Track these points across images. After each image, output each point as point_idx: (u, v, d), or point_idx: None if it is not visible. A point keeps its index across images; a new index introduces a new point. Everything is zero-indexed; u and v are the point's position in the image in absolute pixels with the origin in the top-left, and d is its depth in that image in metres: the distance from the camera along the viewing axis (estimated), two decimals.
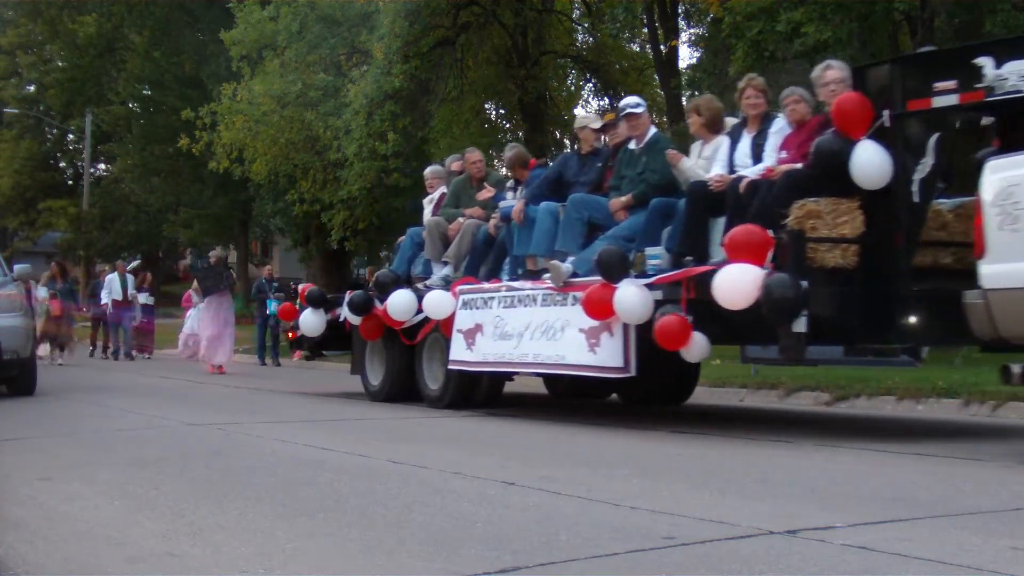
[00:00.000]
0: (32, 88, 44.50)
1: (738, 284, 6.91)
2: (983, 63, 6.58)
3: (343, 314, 11.00)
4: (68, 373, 16.19)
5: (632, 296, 7.59)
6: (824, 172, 7.23)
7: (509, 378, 10.40)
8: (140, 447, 7.19)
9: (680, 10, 23.90)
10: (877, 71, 7.49)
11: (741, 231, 7.08)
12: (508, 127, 31.42)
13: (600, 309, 7.81)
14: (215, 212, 35.25)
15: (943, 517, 4.48)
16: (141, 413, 9.70)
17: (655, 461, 6.44)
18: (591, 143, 9.65)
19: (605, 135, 9.67)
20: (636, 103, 9.04)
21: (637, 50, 29.20)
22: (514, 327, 8.86)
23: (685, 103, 21.68)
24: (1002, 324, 6.25)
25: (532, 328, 8.65)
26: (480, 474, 5.69)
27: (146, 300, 22.85)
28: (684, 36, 25.58)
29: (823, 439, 7.39)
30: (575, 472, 5.87)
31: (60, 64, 40.67)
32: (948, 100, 6.88)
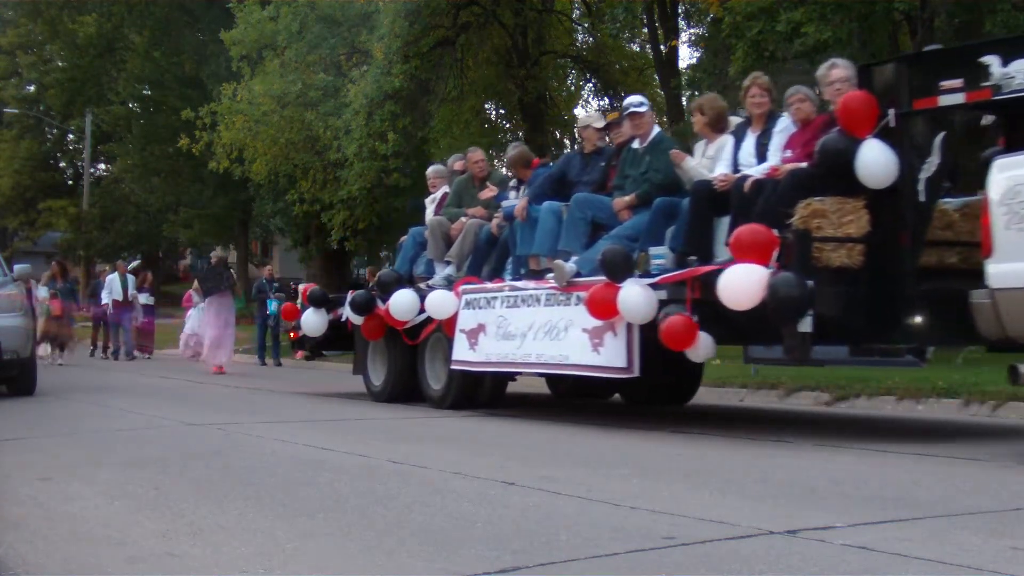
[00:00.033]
0: (32, 88, 44.50)
1: (743, 284, 6.86)
2: (990, 61, 6.55)
3: (345, 314, 10.99)
4: (68, 373, 16.18)
5: (636, 296, 7.57)
6: (829, 171, 7.18)
7: (512, 378, 10.38)
8: (140, 447, 7.19)
9: (680, 10, 23.90)
10: (883, 70, 7.43)
11: (746, 231, 7.03)
12: (508, 127, 31.46)
13: (604, 309, 7.79)
14: (215, 212, 35.22)
15: (943, 517, 4.48)
16: (141, 413, 9.70)
17: (655, 461, 6.43)
18: (594, 142, 9.62)
19: (609, 134, 9.65)
20: (640, 102, 9.01)
21: (637, 50, 29.22)
22: (517, 327, 8.84)
23: (685, 103, 21.72)
24: (1009, 324, 6.22)
25: (535, 328, 8.63)
26: (480, 474, 5.69)
27: (146, 300, 22.85)
28: (684, 36, 25.63)
29: (823, 439, 7.39)
30: (575, 472, 5.87)
31: (60, 64, 40.67)
32: (954, 99, 6.84)
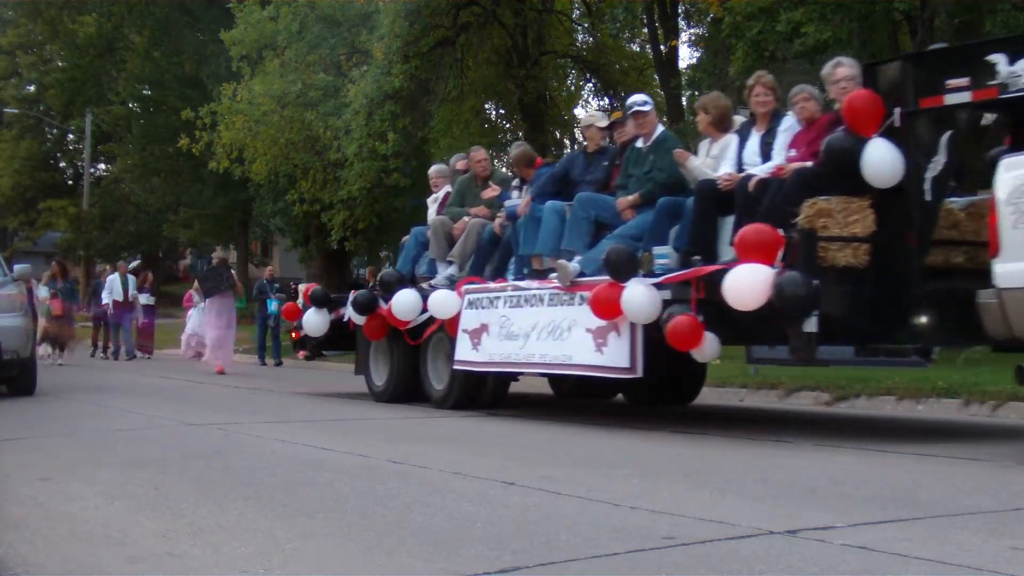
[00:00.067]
0: (32, 88, 44.48)
1: (749, 284, 6.83)
2: (996, 60, 6.52)
3: (347, 314, 10.97)
4: (68, 373, 16.18)
5: (640, 295, 7.55)
6: (835, 170, 7.15)
7: (514, 378, 10.37)
8: (140, 447, 7.19)
9: (680, 10, 23.89)
10: (888, 68, 7.39)
11: (751, 230, 6.99)
12: (508, 127, 31.45)
13: (608, 308, 7.77)
14: (215, 212, 35.20)
15: (943, 517, 4.48)
16: (141, 413, 9.70)
17: (655, 461, 6.43)
18: (597, 141, 9.58)
19: (613, 133, 9.61)
20: (643, 101, 8.97)
21: (637, 50, 29.21)
22: (520, 327, 8.81)
23: (685, 103, 21.72)
24: (1017, 324, 6.19)
25: (539, 328, 8.60)
26: (480, 474, 5.69)
27: (147, 300, 22.85)
28: (684, 36, 25.61)
29: (823, 439, 7.38)
30: (575, 472, 5.87)
31: (60, 64, 40.65)
32: (961, 97, 6.80)
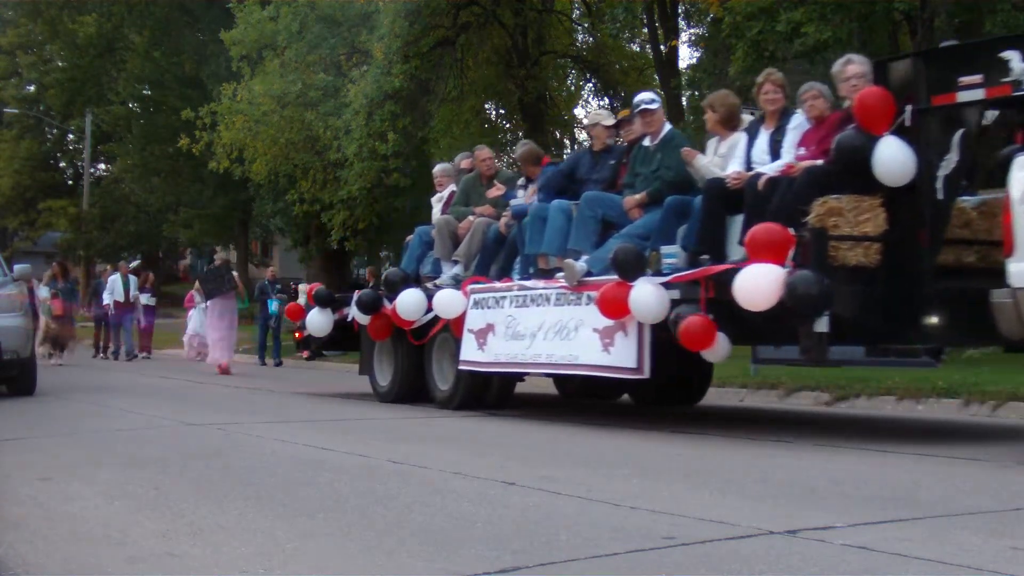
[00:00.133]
0: (32, 88, 44.50)
1: (760, 284, 6.77)
2: (1009, 57, 6.46)
3: (351, 313, 10.94)
4: (68, 373, 16.17)
5: (648, 295, 7.51)
6: (846, 168, 7.09)
7: (520, 379, 10.32)
8: (140, 447, 7.19)
9: (680, 10, 23.91)
10: (899, 65, 7.31)
11: (762, 229, 6.92)
12: (508, 127, 31.46)
13: (615, 308, 7.73)
14: (215, 212, 35.22)
15: (943, 517, 4.48)
16: (141, 413, 9.70)
17: (655, 461, 6.43)
18: (603, 140, 9.53)
19: (619, 131, 9.56)
20: (651, 99, 8.91)
21: (637, 50, 29.24)
22: (527, 327, 8.76)
23: (685, 103, 21.73)
24: None
25: (545, 328, 8.55)
26: (480, 474, 5.69)
27: (148, 301, 22.85)
28: (684, 36, 25.65)
29: (823, 439, 7.38)
30: (575, 472, 5.87)
31: (60, 64, 40.66)
32: (974, 95, 6.74)
